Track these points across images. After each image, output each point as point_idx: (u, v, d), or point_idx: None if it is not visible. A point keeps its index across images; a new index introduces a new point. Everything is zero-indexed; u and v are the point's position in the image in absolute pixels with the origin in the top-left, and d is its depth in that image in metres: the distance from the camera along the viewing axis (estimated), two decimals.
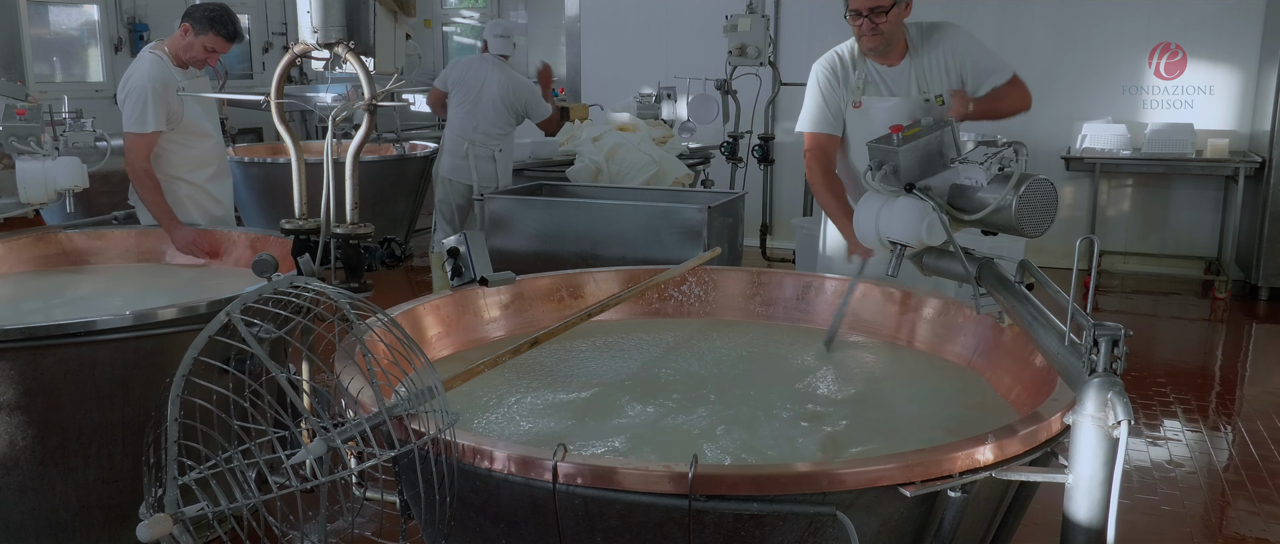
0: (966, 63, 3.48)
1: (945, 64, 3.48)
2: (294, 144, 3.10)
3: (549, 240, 4.84)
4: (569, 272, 3.21)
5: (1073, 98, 7.94)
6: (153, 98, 4.16)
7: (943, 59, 3.48)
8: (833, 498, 1.73)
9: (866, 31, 3.36)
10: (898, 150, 2.55)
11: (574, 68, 9.69)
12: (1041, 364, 2.31)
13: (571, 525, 1.81)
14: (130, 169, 4.17)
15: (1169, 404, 5.03)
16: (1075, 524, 1.82)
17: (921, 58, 3.48)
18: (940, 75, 3.48)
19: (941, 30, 3.52)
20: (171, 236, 4.12)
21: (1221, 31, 7.58)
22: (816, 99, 3.57)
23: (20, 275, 3.93)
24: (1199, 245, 7.89)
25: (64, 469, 3.04)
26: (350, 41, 2.96)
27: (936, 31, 3.52)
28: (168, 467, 1.79)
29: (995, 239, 2.87)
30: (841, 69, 3.54)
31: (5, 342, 2.81)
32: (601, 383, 2.59)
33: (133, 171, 4.17)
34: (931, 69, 3.48)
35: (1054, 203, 2.46)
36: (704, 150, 7.05)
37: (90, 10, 10.75)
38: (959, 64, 3.48)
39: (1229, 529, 3.80)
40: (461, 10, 16.39)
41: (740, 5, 6.87)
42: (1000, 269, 2.40)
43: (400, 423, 1.85)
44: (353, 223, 2.99)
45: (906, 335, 2.92)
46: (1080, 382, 1.82)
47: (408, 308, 2.75)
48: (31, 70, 4.47)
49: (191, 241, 4.10)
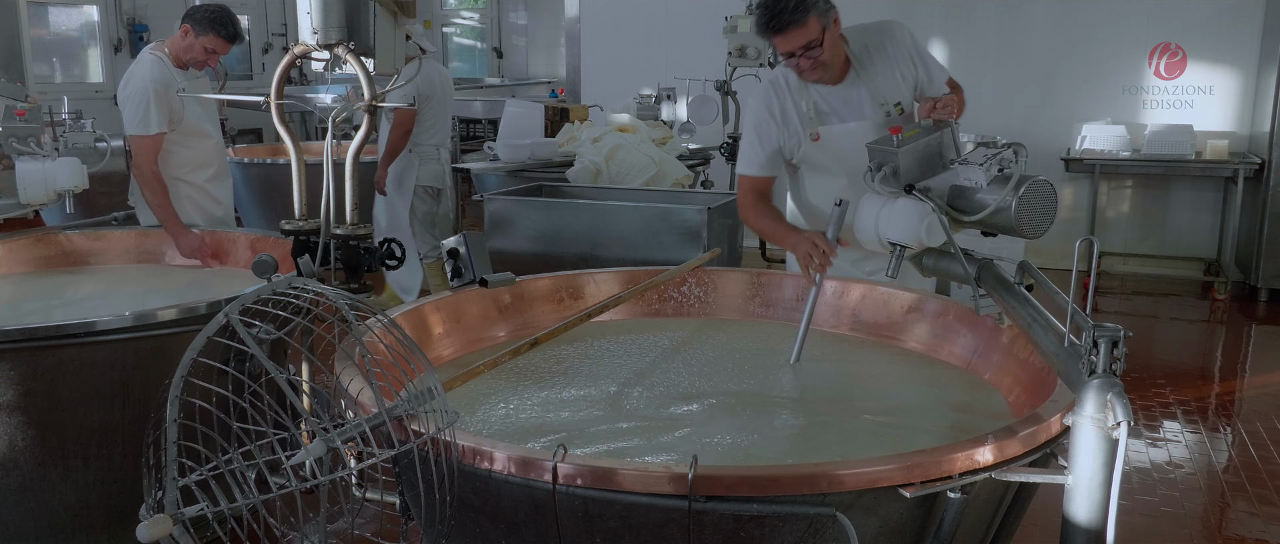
0: (917, 59, 3.17)
1: (897, 66, 3.14)
2: (294, 145, 3.10)
3: (549, 241, 4.84)
4: (569, 272, 3.21)
5: (1072, 98, 7.95)
6: (154, 99, 4.17)
7: (892, 61, 3.14)
8: (832, 499, 1.73)
9: (807, 68, 3.03)
10: (897, 151, 2.55)
11: (574, 68, 9.69)
12: (1041, 365, 2.31)
13: (571, 526, 1.81)
14: (138, 172, 4.17)
15: (1168, 405, 5.03)
16: (1075, 525, 1.82)
17: (870, 67, 3.12)
18: (895, 80, 3.14)
19: (883, 31, 3.18)
20: (177, 242, 4.12)
21: (1221, 32, 7.59)
22: (756, 142, 3.23)
23: (20, 276, 3.93)
24: (1198, 246, 7.89)
25: (64, 470, 3.04)
26: (350, 42, 2.96)
27: (878, 33, 3.18)
28: (167, 467, 1.79)
29: (995, 240, 2.88)
30: (782, 104, 3.17)
31: (5, 342, 2.81)
32: (601, 384, 2.59)
33: (140, 174, 4.18)
34: (883, 76, 3.13)
35: (1053, 204, 2.46)
36: (704, 151, 7.05)
37: (90, 11, 10.76)
38: (909, 61, 3.16)
39: (1228, 530, 3.80)
40: (461, 10, 16.40)
41: (740, 6, 6.87)
42: (1000, 270, 2.41)
43: (400, 423, 1.85)
44: (352, 224, 2.99)
45: (906, 336, 2.92)
46: (1080, 383, 1.82)
47: (407, 309, 2.75)
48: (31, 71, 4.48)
49: (196, 248, 4.10)
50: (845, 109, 3.15)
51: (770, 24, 2.94)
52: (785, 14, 2.90)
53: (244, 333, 1.86)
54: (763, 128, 3.21)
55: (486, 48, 16.12)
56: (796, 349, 2.75)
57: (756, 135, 3.23)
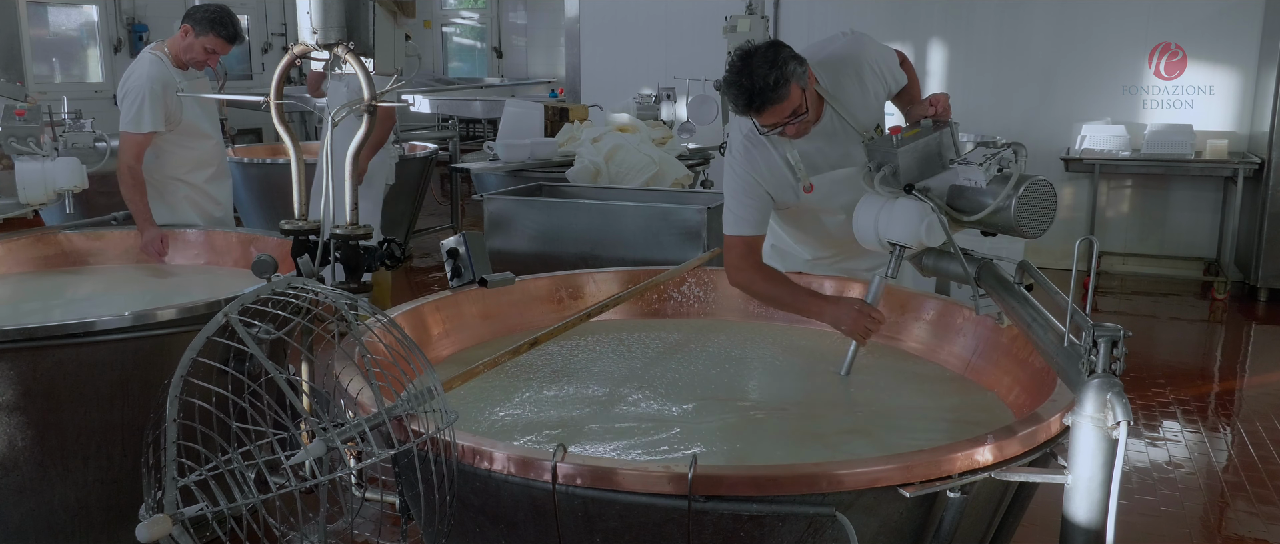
0: (881, 67, 3.00)
1: (868, 88, 2.96)
2: (293, 145, 3.10)
3: (548, 241, 4.84)
4: (568, 272, 3.21)
5: (1072, 98, 7.95)
6: (150, 98, 4.17)
7: (863, 86, 2.95)
8: (832, 499, 1.73)
9: (792, 133, 2.81)
10: (897, 152, 2.55)
11: (574, 68, 9.69)
12: (1040, 365, 2.31)
13: (571, 526, 1.81)
14: (119, 166, 4.18)
15: (1168, 405, 5.03)
16: (1074, 525, 1.82)
17: (843, 99, 2.91)
18: (868, 103, 2.96)
19: (846, 59, 2.96)
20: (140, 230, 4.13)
21: (1221, 32, 7.59)
22: (744, 198, 2.98)
23: (19, 276, 3.93)
24: (1198, 246, 7.89)
25: (63, 470, 3.04)
26: (350, 42, 2.96)
27: (843, 62, 2.95)
28: (167, 467, 1.79)
29: (994, 240, 2.88)
30: (766, 158, 2.94)
31: (4, 342, 2.81)
32: (601, 383, 2.59)
33: (120, 169, 4.18)
34: (858, 104, 2.93)
35: (1053, 204, 2.46)
36: (703, 151, 7.05)
37: (90, 11, 10.76)
38: (878, 75, 2.98)
39: (1228, 530, 3.80)
40: (461, 11, 16.39)
41: (740, 6, 6.87)
42: (999, 270, 2.41)
43: (399, 423, 1.85)
44: (352, 224, 2.99)
45: (905, 336, 2.92)
46: (1079, 382, 1.82)
47: (407, 309, 2.75)
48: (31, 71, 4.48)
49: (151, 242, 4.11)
50: (831, 151, 2.95)
51: (751, 104, 2.67)
52: (767, 92, 2.64)
53: (243, 333, 1.86)
54: (750, 186, 2.97)
55: (486, 48, 16.12)
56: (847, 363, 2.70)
57: (744, 193, 2.97)
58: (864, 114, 2.92)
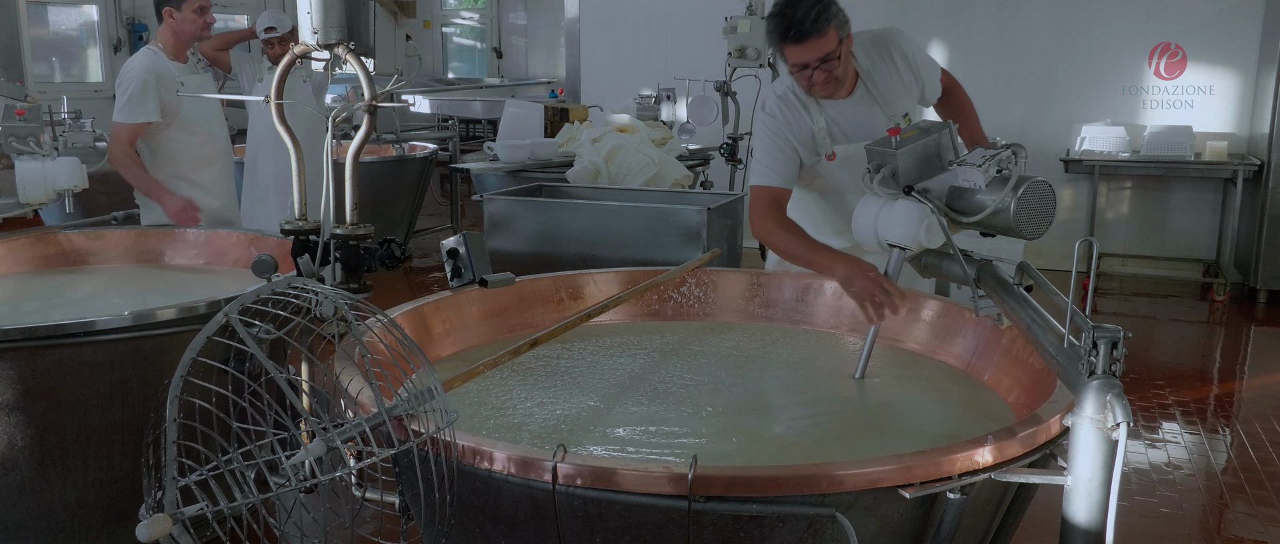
0: (917, 63, 3.11)
1: (900, 75, 3.07)
2: (294, 145, 3.10)
3: (548, 242, 4.84)
4: (568, 273, 3.21)
5: (1072, 99, 7.95)
6: (142, 89, 4.21)
7: (896, 71, 3.07)
8: (832, 499, 1.73)
9: (820, 82, 2.90)
10: (896, 153, 2.55)
11: (574, 69, 9.69)
12: (1040, 366, 2.31)
13: (571, 526, 1.81)
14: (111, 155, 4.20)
15: (1167, 406, 5.03)
16: (1074, 526, 1.82)
17: (877, 79, 3.02)
18: (899, 90, 3.07)
19: (883, 41, 3.10)
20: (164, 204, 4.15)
21: (1221, 32, 7.59)
22: (774, 151, 3.03)
23: (19, 276, 3.93)
24: (1197, 248, 7.89)
25: (63, 469, 3.04)
26: (350, 42, 2.96)
27: (879, 44, 3.09)
28: (167, 467, 1.79)
29: (994, 241, 2.88)
30: (796, 118, 3.03)
31: (4, 342, 2.81)
32: (601, 384, 2.60)
33: (113, 156, 4.20)
34: (890, 87, 3.05)
35: (1052, 205, 2.46)
36: (703, 152, 7.05)
37: (89, 10, 10.76)
38: (912, 67, 3.10)
39: (1227, 532, 3.80)
40: (461, 11, 16.39)
41: (740, 7, 6.86)
42: (999, 271, 2.41)
43: (399, 423, 1.85)
44: (352, 224, 2.99)
45: (905, 337, 2.92)
46: (1079, 384, 1.83)
47: (407, 309, 2.75)
48: (31, 70, 4.50)
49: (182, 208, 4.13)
50: (858, 126, 3.02)
51: (790, 33, 2.76)
52: (806, 23, 2.73)
53: (244, 333, 1.86)
54: (780, 139, 3.03)
55: (486, 48, 16.13)
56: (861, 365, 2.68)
57: (774, 145, 3.04)
58: (893, 96, 3.02)
